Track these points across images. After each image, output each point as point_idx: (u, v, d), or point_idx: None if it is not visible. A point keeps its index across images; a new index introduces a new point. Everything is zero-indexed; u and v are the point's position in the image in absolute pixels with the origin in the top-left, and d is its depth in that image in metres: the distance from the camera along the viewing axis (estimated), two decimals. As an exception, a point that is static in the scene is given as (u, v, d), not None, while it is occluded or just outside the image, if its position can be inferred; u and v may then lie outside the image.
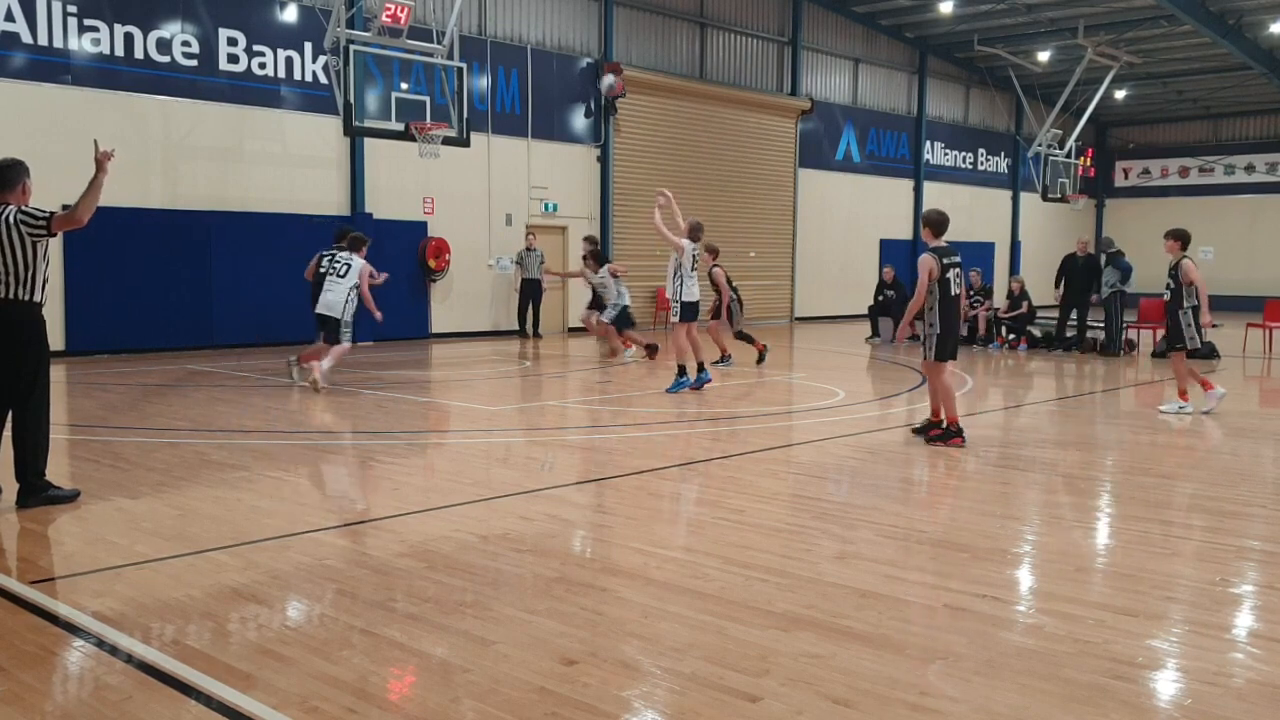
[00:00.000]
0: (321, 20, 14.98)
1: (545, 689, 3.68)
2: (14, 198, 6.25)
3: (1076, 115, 26.44)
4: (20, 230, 6.08)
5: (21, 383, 6.19)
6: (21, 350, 6.18)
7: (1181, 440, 9.57)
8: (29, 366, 6.20)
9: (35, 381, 6.23)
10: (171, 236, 15.78)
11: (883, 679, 3.81)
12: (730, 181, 24.06)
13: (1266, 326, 18.06)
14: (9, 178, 6.27)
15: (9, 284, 6.09)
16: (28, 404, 6.22)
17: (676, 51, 23.32)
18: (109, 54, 15.30)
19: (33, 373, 6.21)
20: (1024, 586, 5.13)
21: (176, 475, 7.27)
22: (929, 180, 30.06)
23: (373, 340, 17.92)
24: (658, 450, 8.79)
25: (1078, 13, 24.68)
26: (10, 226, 6.07)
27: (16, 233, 6.07)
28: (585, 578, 5.02)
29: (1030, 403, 12.26)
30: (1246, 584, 5.12)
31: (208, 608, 4.55)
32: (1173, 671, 3.99)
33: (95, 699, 3.63)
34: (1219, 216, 34.77)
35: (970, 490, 7.37)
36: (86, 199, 6.11)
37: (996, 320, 18.77)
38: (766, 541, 5.71)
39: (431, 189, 18.83)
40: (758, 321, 24.31)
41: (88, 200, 6.11)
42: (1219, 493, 7.15)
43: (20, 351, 6.17)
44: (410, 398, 11.54)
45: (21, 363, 6.17)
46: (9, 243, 6.07)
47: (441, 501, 6.73)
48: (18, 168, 6.36)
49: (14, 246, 6.07)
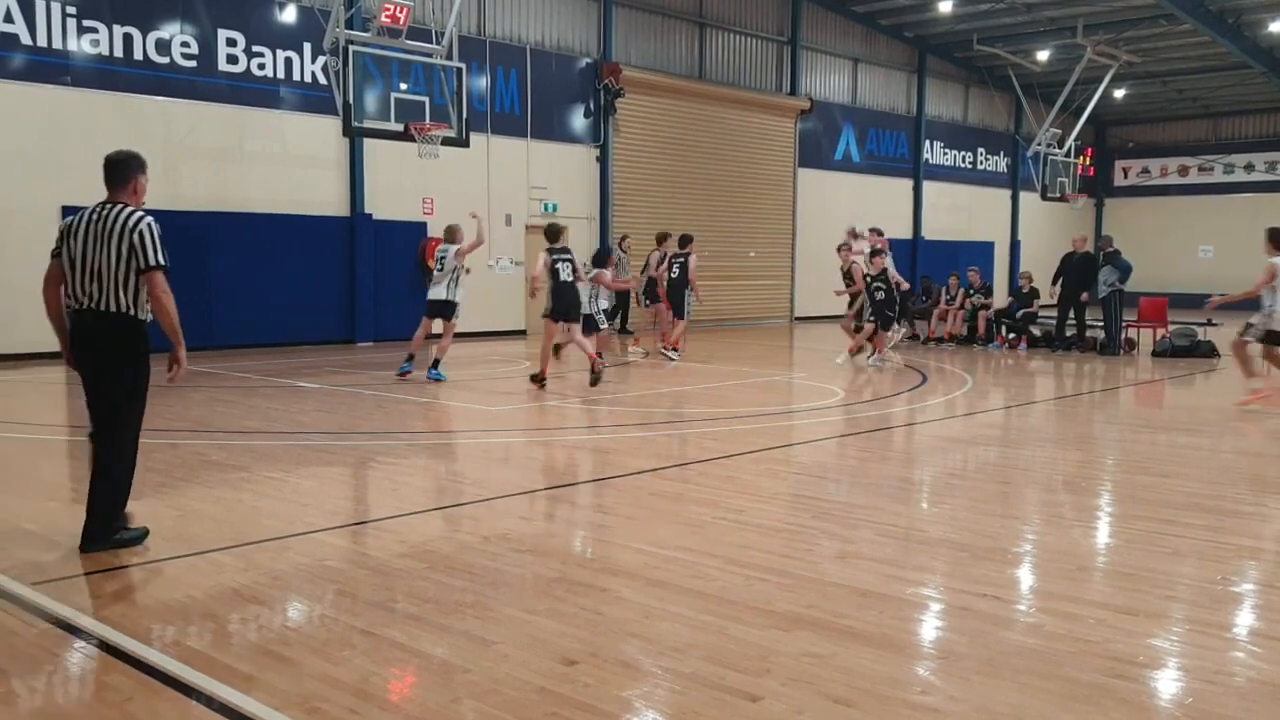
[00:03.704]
0: (320, 21, 14.97)
1: (546, 689, 3.69)
2: (126, 196, 5.55)
3: (1076, 114, 26.42)
4: (130, 241, 5.33)
5: (105, 404, 5.44)
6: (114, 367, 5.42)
7: (1181, 439, 9.57)
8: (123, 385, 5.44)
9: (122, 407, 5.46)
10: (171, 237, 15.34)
11: (883, 678, 3.81)
12: (730, 181, 24.06)
13: (1266, 325, 18.01)
14: (121, 173, 5.56)
15: (108, 292, 5.32)
16: (113, 428, 5.46)
17: (676, 51, 23.32)
18: (108, 55, 15.30)
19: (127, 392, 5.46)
20: (1024, 585, 5.13)
21: (177, 476, 7.28)
22: (928, 180, 30.07)
23: (373, 340, 17.93)
24: (658, 450, 8.79)
25: (1077, 12, 24.67)
26: (124, 232, 5.33)
27: (126, 242, 5.32)
28: (585, 578, 5.02)
29: (1030, 402, 12.26)
30: (1247, 583, 5.12)
31: (208, 608, 4.55)
32: (1173, 670, 3.99)
33: (96, 700, 3.63)
34: (1218, 215, 34.79)
35: (970, 490, 7.37)
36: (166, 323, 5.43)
37: (997, 320, 18.77)
38: (767, 541, 5.71)
39: (431, 189, 18.83)
40: (758, 321, 24.34)
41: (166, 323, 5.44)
42: (1219, 491, 7.15)
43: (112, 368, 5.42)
44: (410, 398, 11.54)
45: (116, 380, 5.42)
46: (115, 248, 5.31)
47: (441, 502, 6.73)
48: (131, 162, 5.63)
49: (120, 253, 5.32)
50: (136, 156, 5.67)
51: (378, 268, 18.23)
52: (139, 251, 5.33)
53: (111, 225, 5.35)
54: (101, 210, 5.44)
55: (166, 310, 5.40)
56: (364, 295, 18.19)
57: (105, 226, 5.35)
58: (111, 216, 5.39)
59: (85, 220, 5.43)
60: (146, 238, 5.36)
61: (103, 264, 5.32)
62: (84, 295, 5.36)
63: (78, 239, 5.38)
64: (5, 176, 14.54)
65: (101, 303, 5.33)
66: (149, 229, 5.39)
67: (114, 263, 5.32)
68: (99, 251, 5.32)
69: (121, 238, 5.33)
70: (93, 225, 5.39)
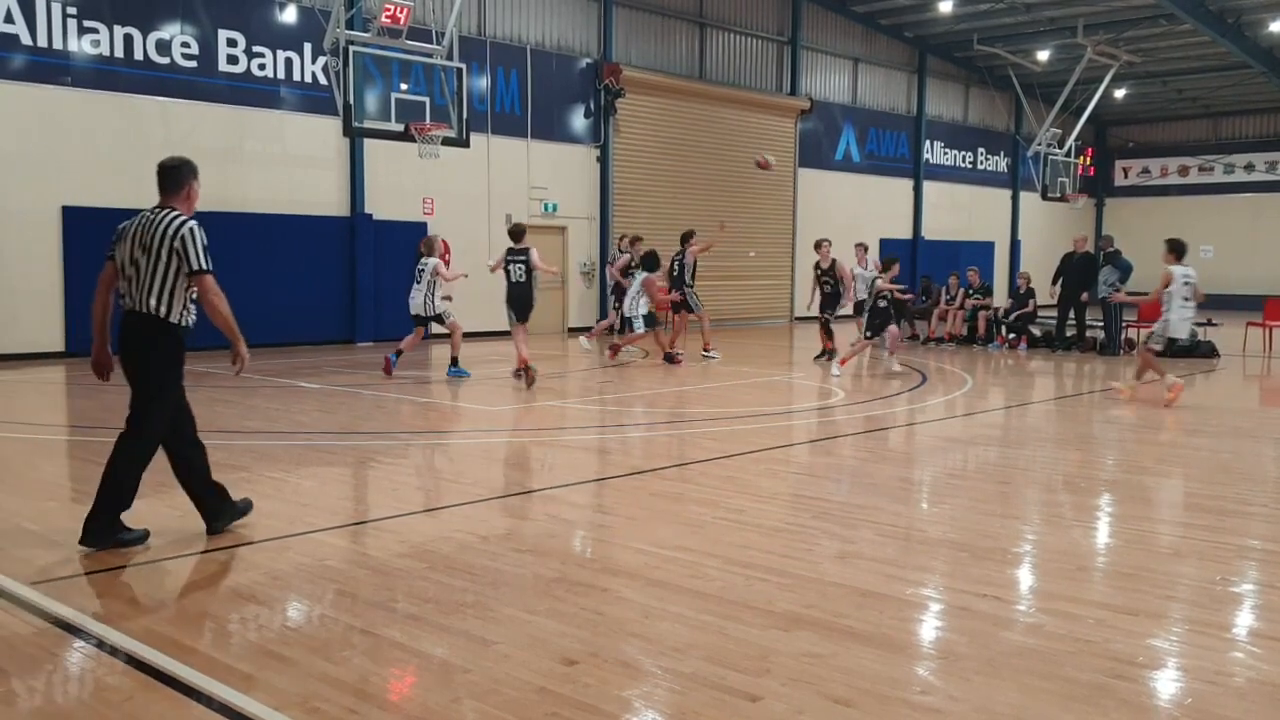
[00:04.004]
0: (321, 21, 14.98)
1: (546, 689, 3.68)
2: (179, 202, 5.61)
3: (1076, 114, 26.43)
4: (172, 246, 5.39)
5: (134, 401, 5.54)
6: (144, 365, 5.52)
7: (1181, 439, 9.57)
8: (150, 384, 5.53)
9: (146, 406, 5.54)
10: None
11: (883, 678, 3.81)
12: (730, 181, 24.05)
13: (1266, 325, 18.06)
14: (175, 179, 5.65)
15: (141, 294, 5.42)
16: (136, 425, 5.54)
17: (676, 51, 23.32)
18: (108, 55, 15.30)
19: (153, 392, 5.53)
20: (1024, 585, 5.13)
21: (177, 476, 7.27)
22: (928, 180, 30.07)
23: (373, 340, 17.93)
24: (658, 450, 8.79)
25: (1077, 12, 24.68)
26: (166, 236, 5.39)
27: (168, 247, 5.38)
28: (585, 578, 5.02)
29: (1030, 402, 12.26)
30: (1247, 583, 5.12)
31: (208, 608, 4.56)
32: (1173, 670, 3.99)
33: (96, 700, 3.63)
34: (1219, 215, 34.78)
35: (970, 489, 7.37)
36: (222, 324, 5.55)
37: (997, 320, 18.77)
38: (767, 541, 5.71)
39: (431, 189, 18.83)
40: (757, 321, 24.34)
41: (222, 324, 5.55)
42: (1219, 491, 7.15)
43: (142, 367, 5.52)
44: (410, 398, 11.54)
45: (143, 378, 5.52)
46: (155, 251, 5.38)
47: (441, 501, 6.74)
48: (184, 169, 5.70)
49: (159, 256, 5.39)
50: (189, 163, 5.77)
51: (378, 268, 18.23)
52: (183, 256, 5.42)
53: (155, 229, 5.46)
54: (151, 215, 5.56)
55: (220, 312, 5.52)
56: (364, 295, 18.20)
57: (150, 230, 5.47)
58: (157, 221, 5.50)
59: (136, 224, 5.56)
60: (189, 242, 5.43)
61: (141, 266, 5.44)
62: (124, 295, 5.54)
63: (125, 242, 5.53)
64: (5, 176, 14.55)
65: (137, 304, 5.47)
66: (191, 233, 5.46)
67: (150, 266, 5.42)
68: (139, 254, 5.45)
69: (163, 242, 5.41)
70: (141, 229, 5.52)
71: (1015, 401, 12.36)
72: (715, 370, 14.34)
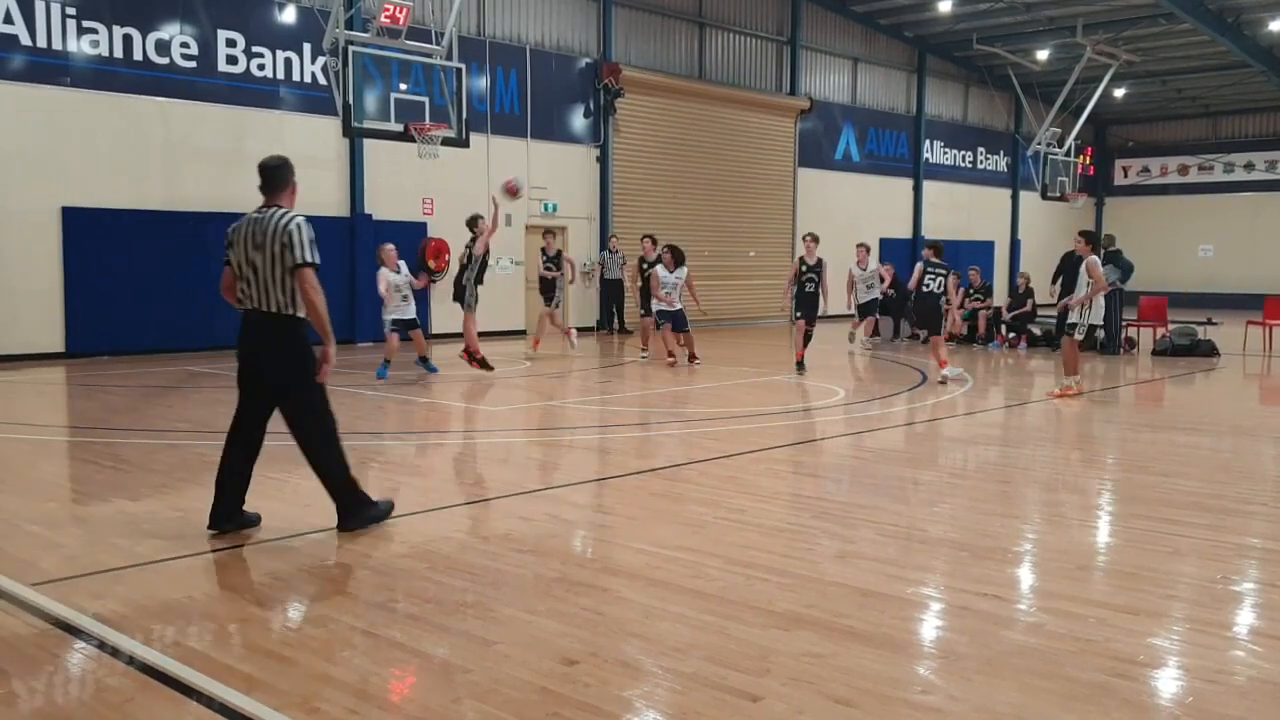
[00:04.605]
0: (320, 21, 14.97)
1: (546, 689, 3.68)
2: (284, 199, 5.75)
3: (1075, 114, 26.43)
4: (282, 241, 5.50)
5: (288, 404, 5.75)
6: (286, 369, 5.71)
7: (1181, 438, 9.57)
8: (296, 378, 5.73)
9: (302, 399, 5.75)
10: (171, 238, 15.77)
11: (884, 678, 3.81)
12: (730, 181, 24.05)
13: (1266, 324, 18.06)
14: (281, 177, 5.78)
15: (264, 293, 5.56)
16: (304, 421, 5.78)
17: (675, 51, 23.32)
18: (108, 55, 15.29)
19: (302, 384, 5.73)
20: (1025, 585, 5.13)
21: (178, 477, 7.28)
22: (928, 179, 30.07)
23: (373, 341, 17.92)
24: (658, 450, 8.79)
25: (1076, 11, 24.68)
26: (277, 232, 5.50)
27: (279, 243, 5.50)
28: (586, 578, 5.02)
29: (1030, 401, 12.26)
30: (1248, 582, 5.12)
31: (208, 609, 4.55)
32: (1174, 669, 3.99)
33: (97, 700, 3.63)
34: (1218, 214, 34.80)
35: (970, 489, 7.37)
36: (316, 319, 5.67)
37: (997, 319, 18.77)
38: (767, 541, 5.71)
39: (431, 190, 18.83)
40: (757, 321, 24.33)
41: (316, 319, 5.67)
42: (1219, 490, 7.15)
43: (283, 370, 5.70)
44: (410, 398, 11.53)
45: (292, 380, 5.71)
46: (270, 249, 5.50)
47: (442, 502, 6.73)
48: (286, 167, 5.86)
49: (274, 254, 5.51)
50: (289, 162, 5.92)
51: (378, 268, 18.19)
52: (290, 250, 5.52)
53: (267, 228, 5.56)
54: (260, 215, 5.66)
55: (316, 306, 5.60)
56: (364, 296, 18.15)
57: (262, 229, 5.57)
58: (266, 220, 5.60)
59: (246, 226, 5.65)
60: (295, 236, 5.53)
61: (259, 265, 5.55)
62: (246, 297, 5.64)
63: (240, 245, 5.62)
64: (5, 177, 14.54)
65: (261, 304, 5.58)
66: (299, 228, 5.57)
67: (269, 264, 5.54)
68: (256, 254, 5.55)
69: (274, 239, 5.52)
70: (251, 230, 5.60)
71: (1015, 401, 12.36)
72: (715, 370, 14.34)
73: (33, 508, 6.40)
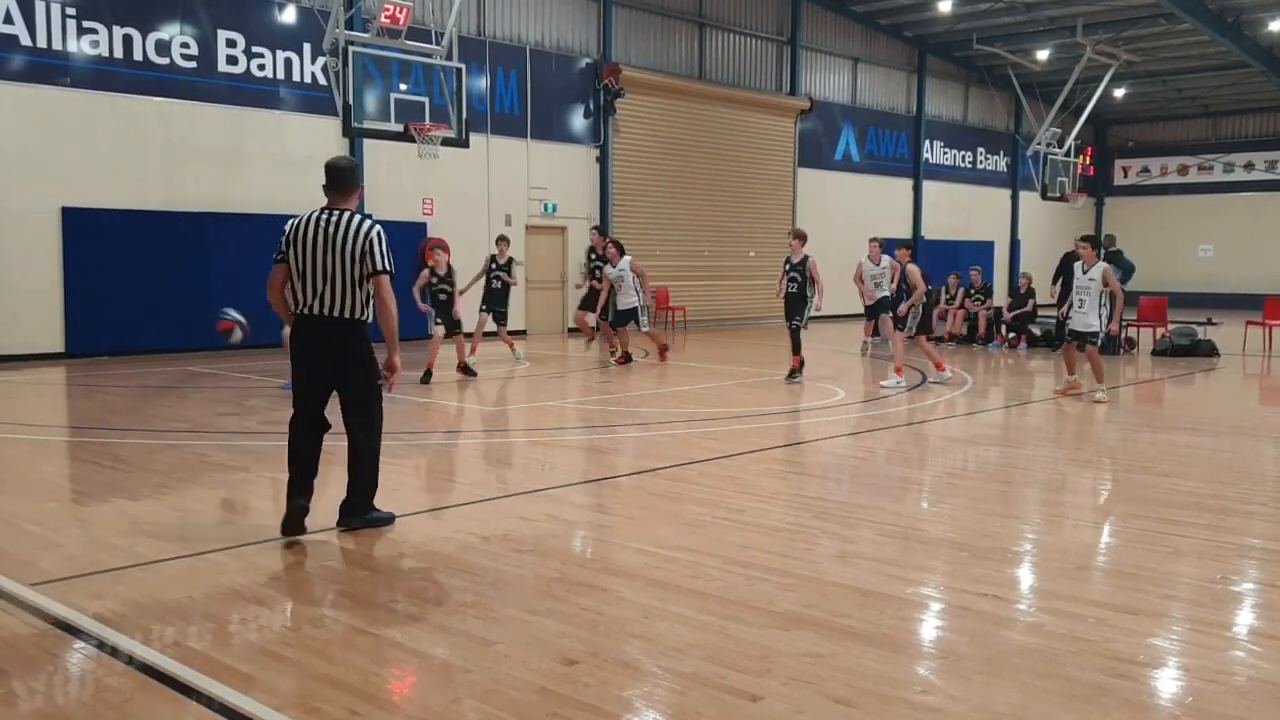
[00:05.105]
0: (320, 21, 14.97)
1: (546, 689, 3.68)
2: (351, 202, 5.66)
3: (1075, 114, 26.43)
4: (362, 248, 5.49)
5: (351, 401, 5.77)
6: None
7: (1181, 438, 9.57)
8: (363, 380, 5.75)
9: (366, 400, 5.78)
10: (171, 238, 15.77)
11: (884, 678, 3.81)
12: (730, 181, 24.06)
13: (1266, 324, 18.06)
14: (350, 180, 5.69)
15: (340, 298, 5.53)
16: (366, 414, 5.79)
17: (676, 51, 23.32)
18: (108, 56, 15.29)
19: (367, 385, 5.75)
20: (1025, 585, 5.13)
21: (177, 477, 7.27)
22: (928, 179, 30.07)
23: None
24: (658, 450, 8.79)
25: (1076, 11, 24.68)
26: (355, 238, 5.48)
27: (359, 248, 5.48)
28: (586, 578, 5.02)
29: (1030, 401, 12.26)
30: (1247, 582, 5.12)
31: (208, 609, 4.55)
32: (1174, 669, 3.99)
33: (96, 700, 3.63)
34: (1218, 214, 34.81)
35: (970, 489, 7.37)
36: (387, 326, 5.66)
37: (997, 319, 18.77)
38: (767, 541, 5.71)
39: (431, 190, 18.83)
40: (757, 321, 24.34)
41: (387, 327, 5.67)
42: (1219, 490, 7.15)
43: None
44: (410, 398, 11.53)
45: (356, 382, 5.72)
46: (349, 254, 5.47)
47: (442, 502, 6.74)
48: (354, 170, 5.82)
49: (352, 258, 5.49)
50: (356, 164, 5.85)
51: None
52: (370, 257, 5.49)
53: (343, 232, 5.50)
54: (328, 217, 5.56)
55: (390, 313, 5.59)
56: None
57: (336, 233, 5.50)
58: (342, 224, 5.53)
59: (311, 227, 5.55)
60: (375, 244, 5.52)
61: (335, 270, 5.49)
62: (315, 299, 5.54)
63: (305, 245, 5.53)
64: (5, 177, 14.54)
65: (334, 308, 5.53)
66: (379, 236, 5.55)
67: (348, 268, 5.49)
68: (330, 258, 5.49)
69: (353, 243, 5.48)
70: (321, 231, 5.52)
71: (1015, 401, 12.36)
72: (716, 370, 14.34)
73: (33, 508, 6.40)
